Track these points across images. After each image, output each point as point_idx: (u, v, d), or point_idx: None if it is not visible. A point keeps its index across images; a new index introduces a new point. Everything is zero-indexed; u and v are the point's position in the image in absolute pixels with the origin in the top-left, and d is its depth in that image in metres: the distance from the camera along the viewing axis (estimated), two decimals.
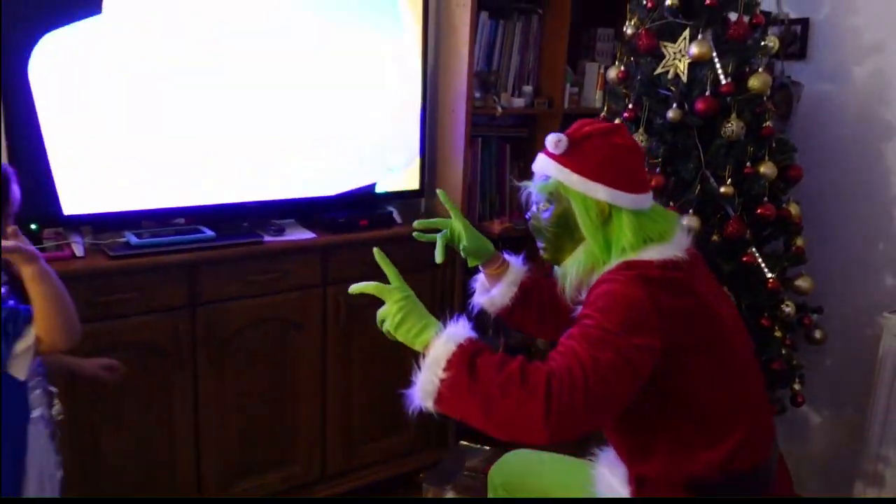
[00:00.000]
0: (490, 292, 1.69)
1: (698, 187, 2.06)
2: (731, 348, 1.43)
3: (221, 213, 2.13)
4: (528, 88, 2.61)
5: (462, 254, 1.67)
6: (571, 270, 1.45)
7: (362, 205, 2.39)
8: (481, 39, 2.50)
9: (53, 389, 1.50)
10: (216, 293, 2.03)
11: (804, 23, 2.35)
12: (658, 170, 2.08)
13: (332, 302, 2.23)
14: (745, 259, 2.06)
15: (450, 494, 2.09)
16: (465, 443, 2.37)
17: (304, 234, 2.20)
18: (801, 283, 2.14)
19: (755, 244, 2.08)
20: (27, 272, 1.33)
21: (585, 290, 1.41)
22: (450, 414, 1.21)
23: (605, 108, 2.31)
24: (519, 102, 2.58)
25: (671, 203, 2.06)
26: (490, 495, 1.78)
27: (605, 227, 1.42)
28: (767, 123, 2.08)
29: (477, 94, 2.46)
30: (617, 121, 2.17)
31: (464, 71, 2.38)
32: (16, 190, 1.45)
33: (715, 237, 2.06)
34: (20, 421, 1.40)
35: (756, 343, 2.06)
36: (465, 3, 2.35)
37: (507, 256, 1.72)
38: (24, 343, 1.33)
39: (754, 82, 2.03)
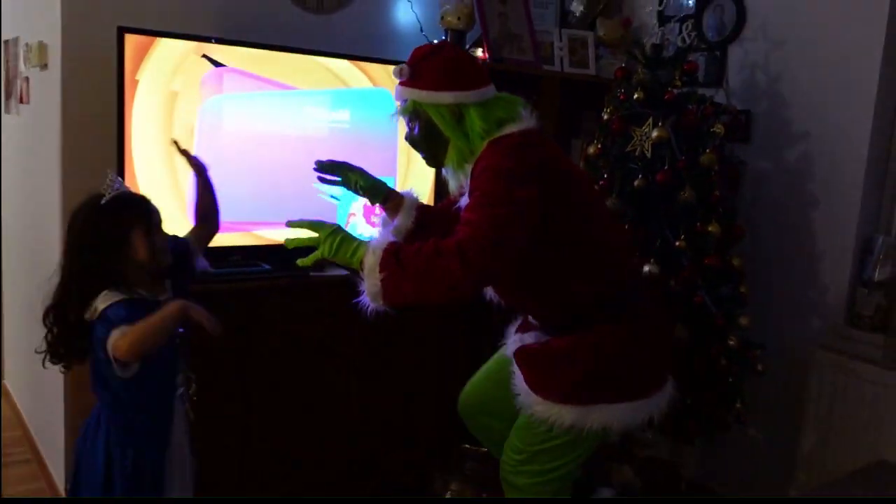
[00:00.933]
0: (393, 223, 1.97)
1: (659, 241, 2.58)
2: (594, 199, 1.88)
3: (271, 250, 2.61)
4: None
5: (360, 194, 1.99)
6: (449, 168, 1.80)
7: None
8: None
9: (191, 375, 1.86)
10: (270, 317, 2.50)
11: (747, 113, 2.91)
12: (627, 227, 2.60)
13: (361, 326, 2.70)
14: (696, 300, 2.56)
15: (456, 484, 2.52)
16: (466, 446, 2.80)
17: (339, 271, 2.69)
18: (743, 321, 2.64)
19: (705, 289, 2.59)
20: (169, 308, 1.63)
21: (467, 181, 1.75)
22: (396, 303, 1.57)
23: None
24: None
25: (637, 254, 2.57)
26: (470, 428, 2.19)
27: (461, 124, 1.74)
28: (715, 192, 2.62)
29: None
30: (595, 187, 2.71)
31: None
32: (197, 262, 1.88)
33: (672, 282, 2.56)
34: (169, 393, 1.78)
35: (705, 371, 2.56)
36: None
37: (399, 191, 2.04)
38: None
39: (704, 159, 2.57)
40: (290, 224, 1.67)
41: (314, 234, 1.63)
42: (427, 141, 1.80)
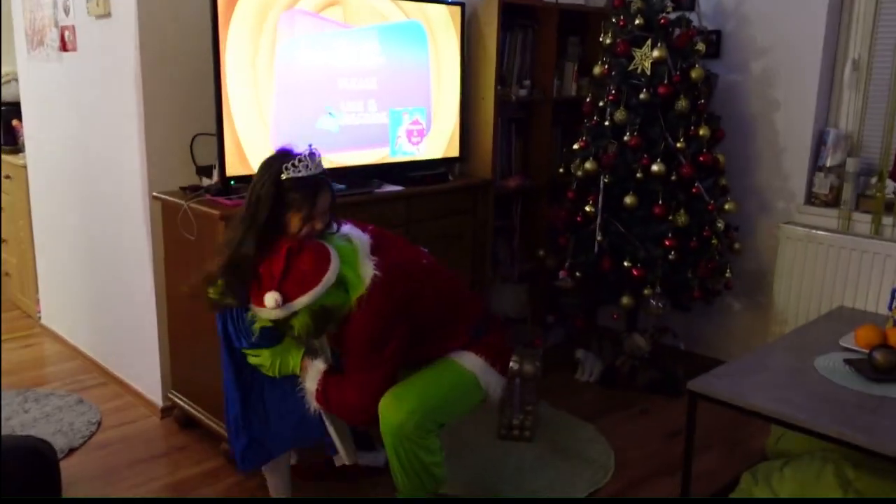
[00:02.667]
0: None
1: (662, 144, 3.10)
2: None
3: (344, 171, 2.97)
4: (527, 83, 3.58)
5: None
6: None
7: (427, 166, 3.28)
8: None
9: None
10: None
11: (718, 33, 3.43)
12: (636, 133, 3.10)
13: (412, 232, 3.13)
14: (693, 191, 3.12)
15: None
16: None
17: (395, 187, 3.09)
18: (729, 207, 3.22)
19: (699, 181, 3.14)
20: None
21: None
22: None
23: (590, 95, 3.32)
24: (522, 93, 3.55)
25: (645, 156, 3.08)
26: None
27: None
28: (701, 101, 3.15)
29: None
30: (601, 103, 3.19)
31: (492, 70, 3.33)
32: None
33: (673, 177, 3.10)
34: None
35: (699, 248, 3.12)
36: (491, 23, 3.30)
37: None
38: None
39: (694, 74, 3.09)
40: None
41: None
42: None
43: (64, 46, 3.19)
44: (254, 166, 2.70)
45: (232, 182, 2.68)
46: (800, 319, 3.22)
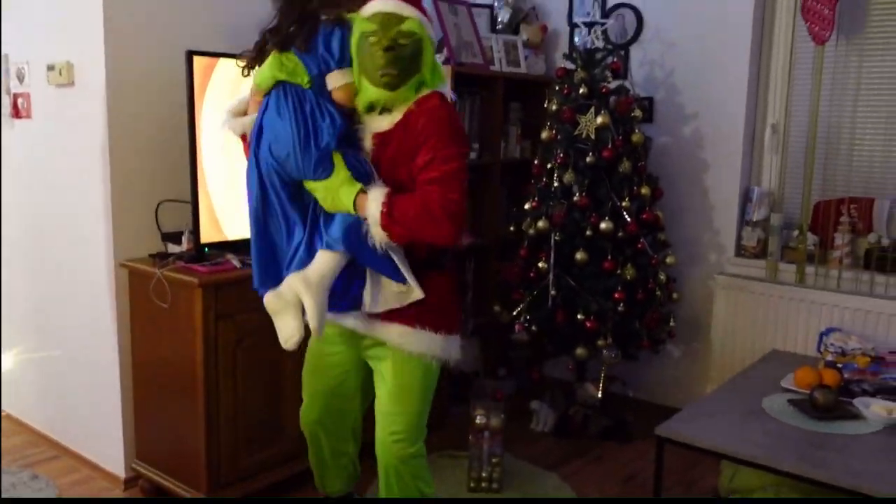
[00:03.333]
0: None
1: (609, 203, 3.32)
2: None
3: None
4: (476, 146, 3.76)
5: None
6: (406, 95, 1.94)
7: None
8: None
9: None
10: None
11: (650, 100, 3.72)
12: (584, 193, 3.31)
13: None
14: (639, 246, 3.34)
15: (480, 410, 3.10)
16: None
17: None
18: (669, 260, 3.47)
19: (643, 237, 3.37)
20: None
21: (399, 111, 1.95)
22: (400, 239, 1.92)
23: (538, 159, 3.52)
24: (472, 156, 3.72)
25: (593, 214, 3.29)
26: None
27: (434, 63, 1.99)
28: (641, 163, 3.41)
29: None
30: (549, 165, 3.40)
31: None
32: None
33: (620, 233, 3.31)
34: None
35: (645, 299, 3.33)
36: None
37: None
38: None
39: (635, 138, 3.34)
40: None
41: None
42: (410, 62, 1.91)
43: (17, 114, 3.16)
44: (228, 233, 2.77)
45: (206, 249, 2.71)
46: (736, 363, 3.46)
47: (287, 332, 2.00)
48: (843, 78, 3.35)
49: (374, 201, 1.89)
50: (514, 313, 3.47)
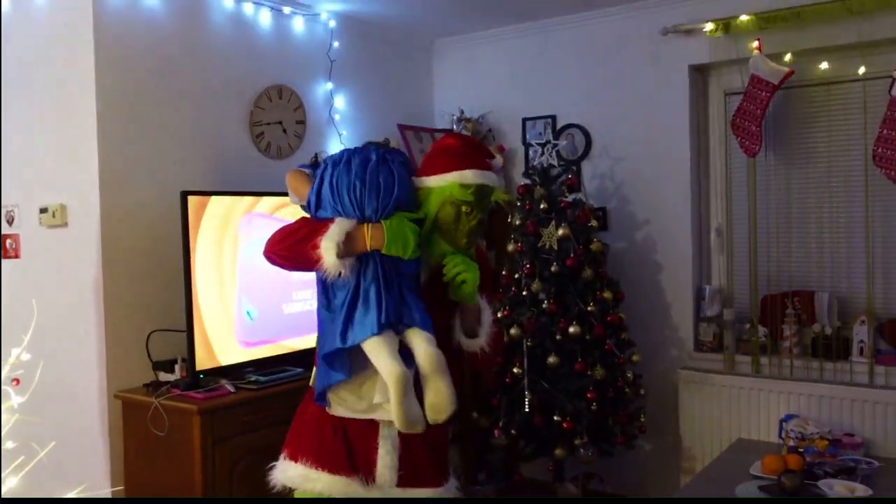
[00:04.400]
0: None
1: (575, 308, 3.55)
2: None
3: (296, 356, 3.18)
4: None
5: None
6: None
7: None
8: None
9: None
10: None
11: (603, 210, 4.03)
12: (552, 300, 3.53)
13: None
14: (606, 347, 3.56)
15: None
16: None
17: None
18: (635, 358, 3.69)
19: (609, 338, 3.60)
20: None
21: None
22: None
23: (506, 269, 3.76)
24: None
25: (562, 319, 3.51)
26: None
27: None
28: (602, 269, 3.67)
29: None
30: (516, 275, 3.64)
31: None
32: None
33: (587, 336, 3.53)
34: None
35: (615, 397, 3.52)
36: None
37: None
38: None
39: (594, 247, 3.61)
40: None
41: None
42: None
43: (5, 254, 3.27)
44: (221, 359, 2.89)
45: (202, 376, 2.81)
46: (705, 453, 3.64)
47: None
48: (775, 184, 3.71)
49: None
50: (493, 419, 3.61)
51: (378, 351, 1.85)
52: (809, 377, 3.52)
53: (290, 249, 1.89)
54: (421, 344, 1.88)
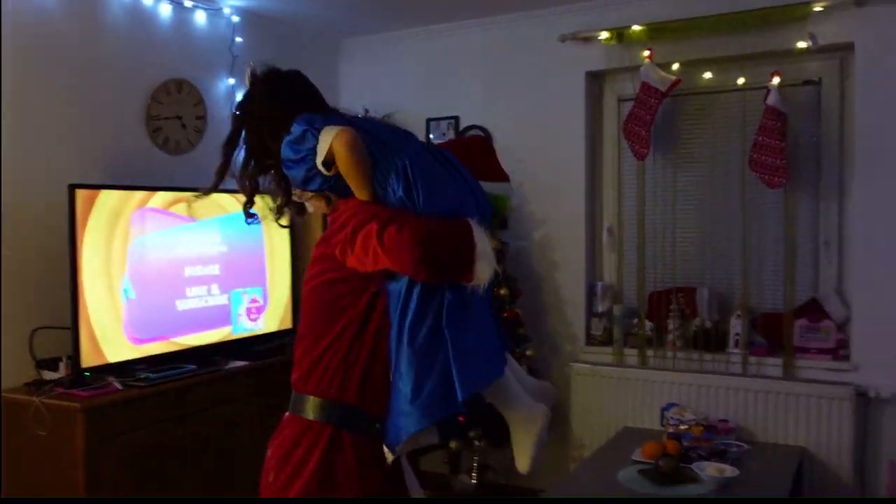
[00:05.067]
0: None
1: None
2: None
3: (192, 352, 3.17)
4: None
5: None
6: None
7: (266, 339, 3.55)
8: None
9: None
10: (198, 406, 3.05)
11: None
12: None
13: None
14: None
15: None
16: None
17: (240, 363, 3.31)
18: (530, 353, 3.82)
19: (506, 334, 3.71)
20: None
21: None
22: None
23: None
24: None
25: None
26: None
27: None
28: (501, 266, 3.77)
29: None
30: None
31: None
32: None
33: None
34: None
35: None
36: None
37: None
38: None
39: (494, 245, 3.71)
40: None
41: None
42: None
43: None
44: (109, 357, 2.86)
45: (88, 373, 2.77)
46: (594, 442, 3.80)
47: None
48: (662, 186, 3.91)
49: None
50: None
51: (508, 388, 1.66)
52: (690, 368, 3.73)
53: (453, 253, 1.52)
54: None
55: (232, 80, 3.88)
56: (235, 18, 3.92)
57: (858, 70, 3.38)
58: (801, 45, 3.41)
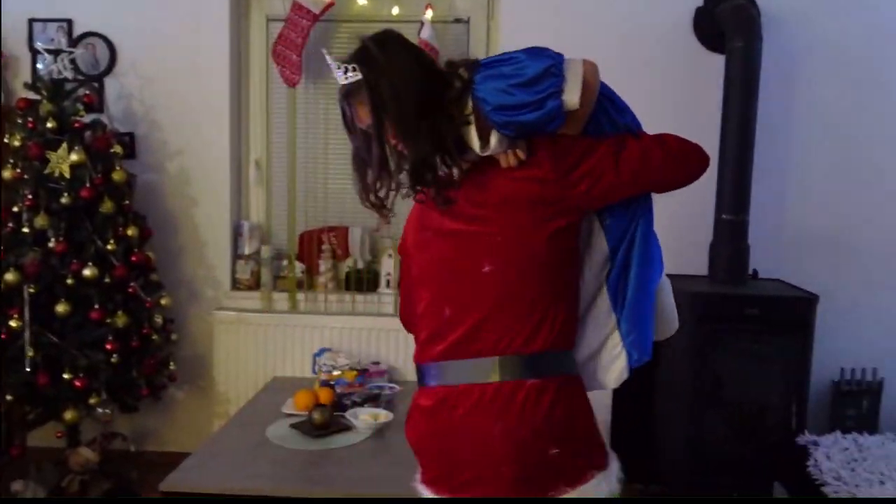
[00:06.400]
0: None
1: (92, 247, 3.05)
2: None
3: None
4: None
5: None
6: None
7: None
8: None
9: None
10: None
11: (131, 135, 3.53)
12: (62, 238, 2.97)
13: None
14: (130, 291, 3.14)
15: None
16: None
17: None
18: (165, 301, 3.34)
19: (134, 280, 3.18)
20: None
21: None
22: None
23: (2, 201, 3.06)
24: None
25: (74, 260, 2.98)
26: None
27: None
28: (126, 202, 3.22)
29: None
30: (16, 208, 2.99)
31: None
32: None
33: (107, 279, 3.06)
34: None
35: (141, 346, 3.16)
36: None
37: None
38: None
39: (116, 176, 3.13)
40: None
41: None
42: None
43: None
44: None
45: None
46: (241, 397, 3.49)
47: None
48: (314, 118, 3.65)
49: None
50: None
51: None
52: (343, 311, 3.59)
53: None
54: None
55: None
56: None
57: (503, 10, 3.44)
58: None
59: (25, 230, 2.97)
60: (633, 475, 1.69)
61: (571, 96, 1.46)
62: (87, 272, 2.98)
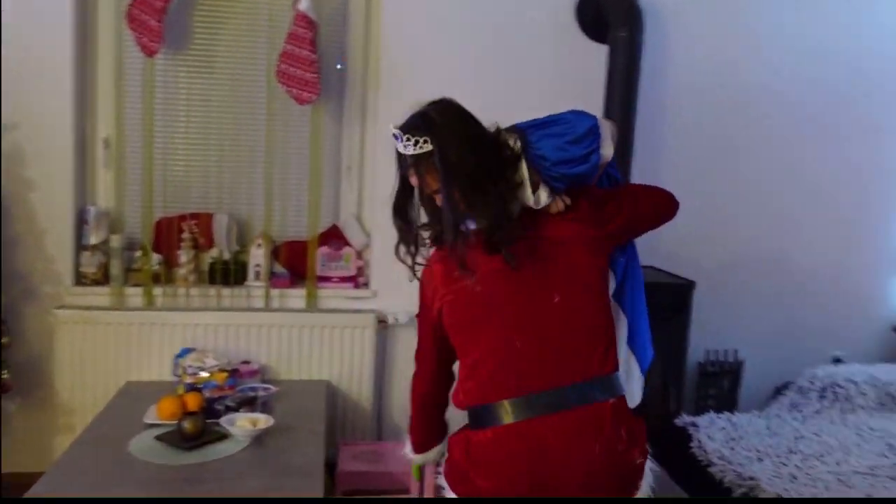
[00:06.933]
0: None
1: None
2: None
3: None
4: None
5: None
6: None
7: None
8: None
9: None
10: None
11: None
12: None
13: None
14: None
15: None
16: None
17: None
18: None
19: None
20: None
21: None
22: None
23: None
24: None
25: None
26: None
27: None
28: None
29: None
30: None
31: None
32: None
33: None
34: None
35: None
36: None
37: None
38: None
39: None
40: None
41: None
42: None
43: None
44: None
45: None
46: (88, 405, 3.07)
47: None
48: (174, 92, 3.29)
49: None
50: None
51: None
52: (207, 306, 3.26)
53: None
54: None
55: None
56: None
57: None
58: None
59: None
60: None
61: (607, 150, 1.71)
62: None
